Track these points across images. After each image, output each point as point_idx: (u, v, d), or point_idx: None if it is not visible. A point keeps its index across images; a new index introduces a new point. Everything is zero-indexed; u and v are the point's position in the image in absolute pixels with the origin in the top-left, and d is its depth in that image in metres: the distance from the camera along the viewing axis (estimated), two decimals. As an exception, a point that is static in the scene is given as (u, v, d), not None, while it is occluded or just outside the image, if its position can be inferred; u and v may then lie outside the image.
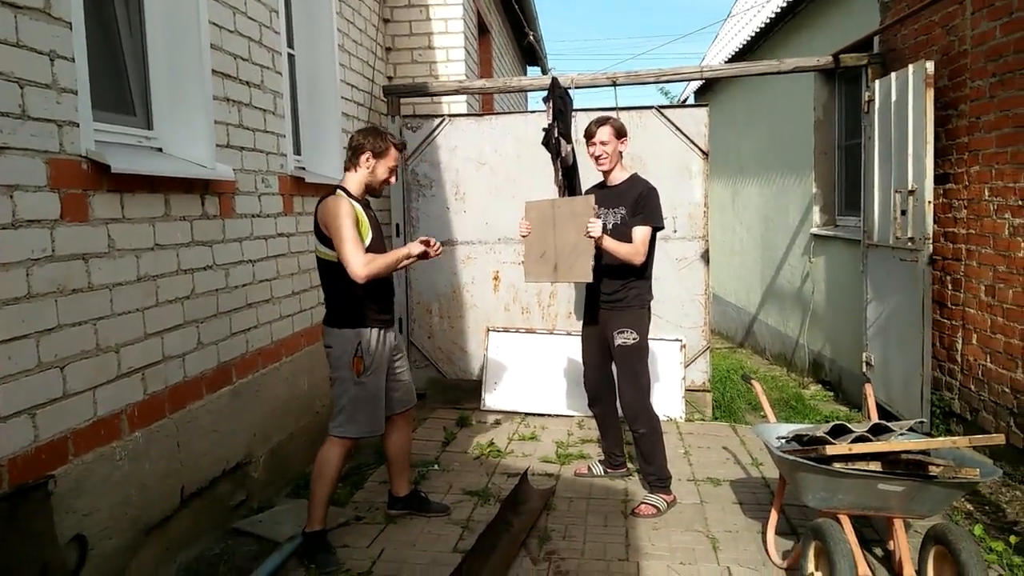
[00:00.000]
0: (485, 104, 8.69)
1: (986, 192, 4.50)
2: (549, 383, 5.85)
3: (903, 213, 5.00)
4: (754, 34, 8.85)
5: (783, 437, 3.37)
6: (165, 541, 3.24)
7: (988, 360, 4.50)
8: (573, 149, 5.09)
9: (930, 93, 4.71)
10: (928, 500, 2.87)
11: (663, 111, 5.86)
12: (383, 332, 3.52)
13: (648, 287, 4.06)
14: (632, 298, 3.99)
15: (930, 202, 4.78)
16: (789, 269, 8.23)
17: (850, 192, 6.90)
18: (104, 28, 3.30)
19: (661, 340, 5.66)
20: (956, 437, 3.33)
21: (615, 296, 4.03)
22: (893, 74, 5.15)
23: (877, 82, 5.43)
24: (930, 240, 4.84)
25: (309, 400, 4.69)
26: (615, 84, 5.91)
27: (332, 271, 3.38)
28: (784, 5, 7.71)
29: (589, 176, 4.60)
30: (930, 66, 4.71)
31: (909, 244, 4.96)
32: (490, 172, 6.11)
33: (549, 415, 5.75)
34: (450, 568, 3.20)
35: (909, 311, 5.02)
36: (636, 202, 3.92)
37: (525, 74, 13.33)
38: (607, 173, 4.10)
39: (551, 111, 5.31)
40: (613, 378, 4.17)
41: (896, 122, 5.09)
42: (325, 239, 3.35)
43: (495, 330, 6.10)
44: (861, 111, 5.78)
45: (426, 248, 3.43)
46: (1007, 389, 4.29)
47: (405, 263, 3.46)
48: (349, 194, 3.44)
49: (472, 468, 4.66)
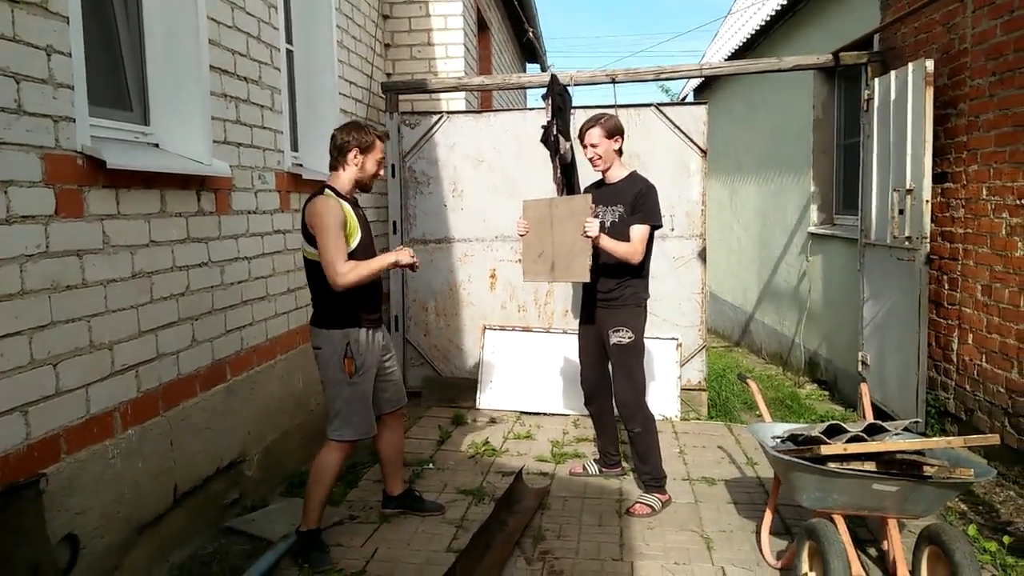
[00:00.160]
0: (484, 101, 8.67)
1: (984, 191, 4.50)
2: (545, 382, 5.84)
3: (901, 212, 5.00)
4: (754, 32, 8.84)
5: (778, 437, 3.37)
6: (158, 540, 3.23)
7: (984, 360, 4.50)
8: (572, 146, 5.08)
9: (929, 92, 4.71)
10: (922, 500, 2.87)
11: (662, 109, 5.85)
12: (372, 332, 3.48)
13: (645, 285, 4.05)
14: (628, 296, 3.98)
15: (928, 201, 4.78)
16: (786, 268, 8.23)
17: (848, 191, 6.90)
18: (101, 23, 3.29)
19: (657, 339, 5.65)
20: (951, 437, 3.32)
21: (611, 294, 4.02)
22: (893, 72, 5.14)
23: (877, 80, 5.42)
24: (927, 239, 4.83)
25: (304, 398, 4.69)
26: (614, 81, 5.90)
27: (319, 271, 3.33)
28: (784, 3, 7.69)
29: (588, 174, 4.59)
30: (930, 64, 4.71)
31: (906, 243, 4.96)
32: (488, 169, 6.09)
33: (545, 414, 5.74)
34: (444, 567, 3.20)
35: (905, 310, 5.02)
36: (634, 200, 3.91)
37: (524, 71, 13.31)
38: (604, 172, 4.09)
39: (550, 108, 5.30)
40: (609, 377, 4.16)
41: (895, 121, 5.09)
42: (312, 239, 3.30)
43: (491, 328, 6.10)
44: (860, 109, 5.77)
45: (413, 260, 3.42)
46: (1002, 389, 4.29)
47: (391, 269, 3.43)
48: (338, 193, 3.38)
49: (467, 467, 4.65)
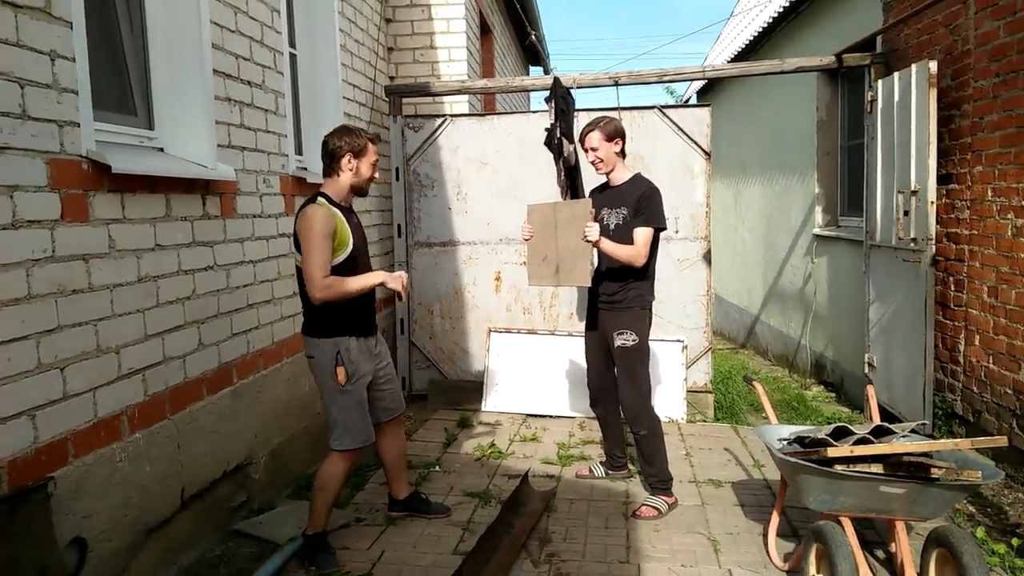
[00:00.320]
0: (487, 104, 8.68)
1: (989, 192, 4.49)
2: (550, 384, 5.84)
3: (906, 214, 4.99)
4: (756, 34, 8.84)
5: (785, 439, 3.37)
6: (165, 543, 3.23)
7: (991, 361, 4.48)
8: (575, 149, 5.08)
9: (933, 93, 4.70)
10: (930, 502, 2.86)
11: (665, 111, 5.85)
12: (364, 340, 3.43)
13: (649, 288, 4.04)
14: (632, 299, 3.98)
15: (933, 203, 4.77)
16: (791, 270, 8.21)
17: (853, 192, 6.89)
18: (105, 28, 3.30)
19: (663, 341, 5.65)
20: (958, 439, 3.32)
21: (615, 297, 4.02)
22: (896, 74, 5.13)
23: (880, 82, 5.42)
24: (933, 241, 4.82)
25: (310, 401, 4.68)
26: (617, 84, 5.90)
27: None
28: (787, 5, 7.69)
29: (592, 176, 4.59)
30: (933, 66, 4.70)
31: (912, 245, 4.95)
32: (492, 172, 6.10)
33: (550, 416, 5.74)
34: (450, 570, 3.20)
35: (911, 312, 5.01)
36: (637, 203, 3.90)
37: (527, 74, 13.32)
38: (608, 174, 4.09)
39: (553, 111, 5.30)
40: (615, 379, 4.16)
41: (899, 122, 5.08)
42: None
43: (497, 331, 6.10)
44: (864, 111, 5.76)
45: (399, 286, 3.33)
46: (1009, 391, 4.28)
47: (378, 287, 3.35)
48: (331, 201, 3.33)
49: (473, 469, 4.65)
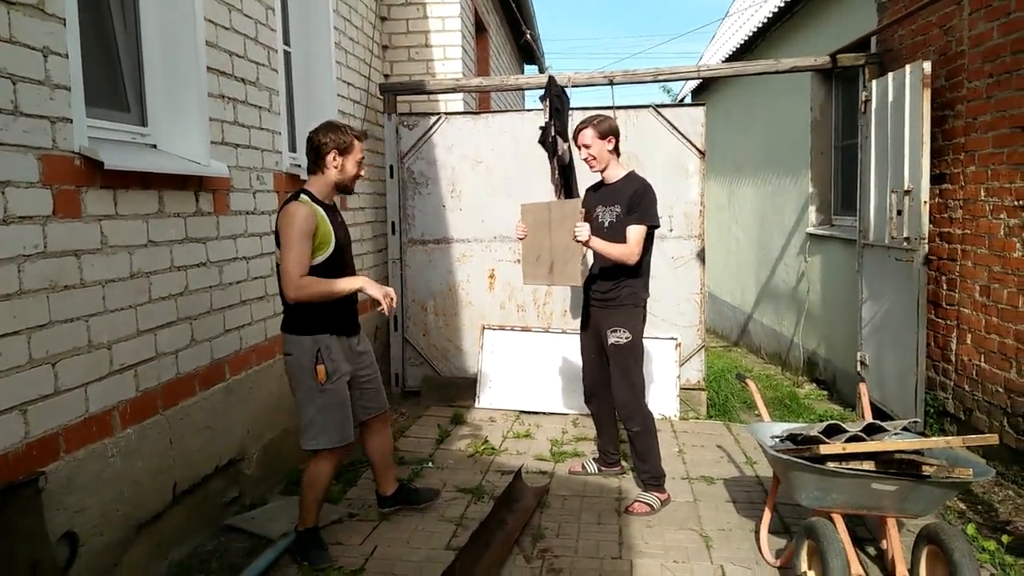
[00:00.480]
0: (482, 102, 8.68)
1: (982, 192, 4.51)
2: (544, 381, 5.85)
3: (899, 213, 5.01)
4: (752, 33, 8.85)
5: (777, 436, 3.38)
6: (157, 538, 3.23)
7: (982, 360, 4.50)
8: (570, 148, 5.09)
9: (927, 93, 4.72)
10: (921, 500, 2.87)
11: (660, 110, 5.86)
12: (346, 339, 3.40)
13: (643, 285, 4.05)
14: (625, 297, 3.99)
15: (926, 202, 4.79)
16: (785, 268, 8.24)
17: (846, 192, 6.91)
18: (98, 24, 3.29)
19: (656, 339, 5.66)
20: (950, 437, 3.34)
21: (608, 295, 4.02)
22: (890, 74, 5.15)
23: (874, 82, 5.43)
24: (926, 240, 4.84)
25: (303, 397, 4.68)
26: (612, 83, 5.91)
27: None
28: (782, 5, 7.71)
29: (586, 175, 4.59)
30: (927, 66, 4.72)
31: (905, 244, 4.97)
32: (486, 170, 6.10)
33: (544, 413, 5.75)
34: (443, 565, 3.20)
35: (904, 311, 5.03)
36: (631, 200, 3.91)
37: (522, 72, 13.32)
38: (602, 172, 4.09)
39: (548, 110, 5.31)
40: (609, 376, 4.16)
41: (893, 122, 5.10)
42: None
43: (490, 328, 6.10)
44: (858, 111, 5.78)
45: (382, 299, 3.23)
46: (1001, 389, 4.30)
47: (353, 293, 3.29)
48: (315, 199, 3.28)
49: (466, 466, 4.66)
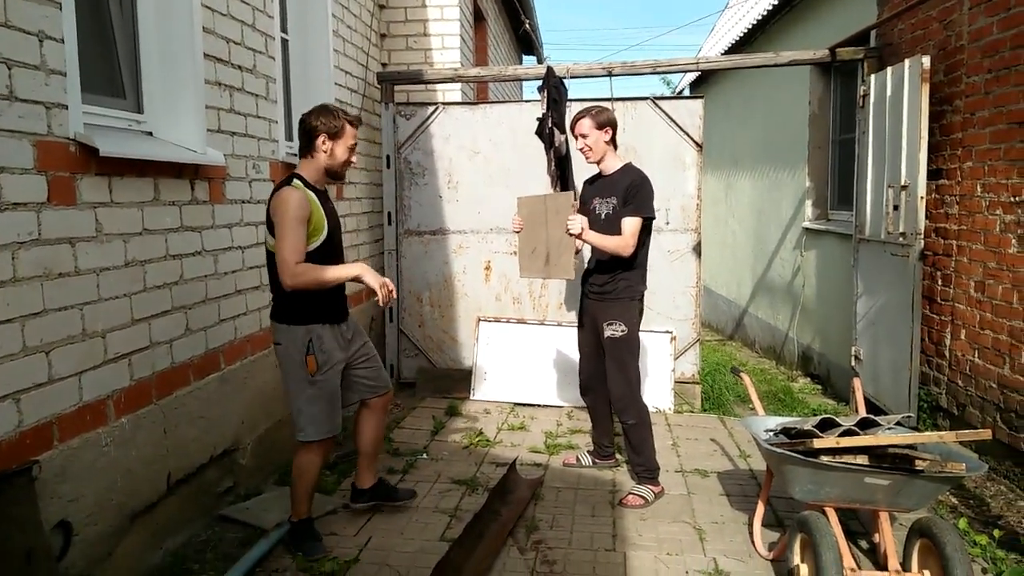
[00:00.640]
0: (480, 93, 8.65)
1: (978, 188, 4.51)
2: (539, 373, 5.85)
3: (895, 208, 5.01)
4: (751, 26, 8.83)
5: (771, 430, 3.39)
6: (151, 527, 3.23)
7: (976, 356, 4.52)
8: (567, 139, 5.07)
9: (925, 88, 4.71)
10: (914, 494, 2.89)
11: (658, 102, 5.85)
12: (336, 327, 3.34)
13: (640, 278, 4.04)
14: (621, 290, 3.98)
15: (923, 197, 4.79)
16: (780, 263, 8.24)
17: (843, 187, 6.91)
18: (95, 9, 3.26)
19: (651, 332, 5.66)
20: (943, 432, 3.35)
21: (604, 288, 4.02)
22: (889, 68, 5.14)
23: (873, 76, 5.43)
24: (921, 235, 4.84)
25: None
26: (611, 74, 5.89)
27: None
28: (781, -3, 7.69)
29: (583, 167, 4.58)
30: (926, 61, 4.71)
31: (900, 239, 4.97)
32: (484, 161, 6.08)
33: (539, 405, 5.75)
34: (437, 556, 3.21)
35: (899, 306, 5.04)
36: (626, 192, 3.90)
37: (520, 63, 13.27)
38: (598, 163, 4.08)
39: (546, 100, 5.29)
40: (606, 370, 4.16)
41: (891, 117, 5.09)
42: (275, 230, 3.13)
43: (486, 320, 6.10)
44: (856, 105, 5.77)
45: (378, 289, 3.15)
46: (994, 384, 4.32)
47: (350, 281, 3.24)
48: (307, 183, 3.22)
49: (461, 457, 4.66)
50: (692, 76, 12.05)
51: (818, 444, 2.91)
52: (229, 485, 3.88)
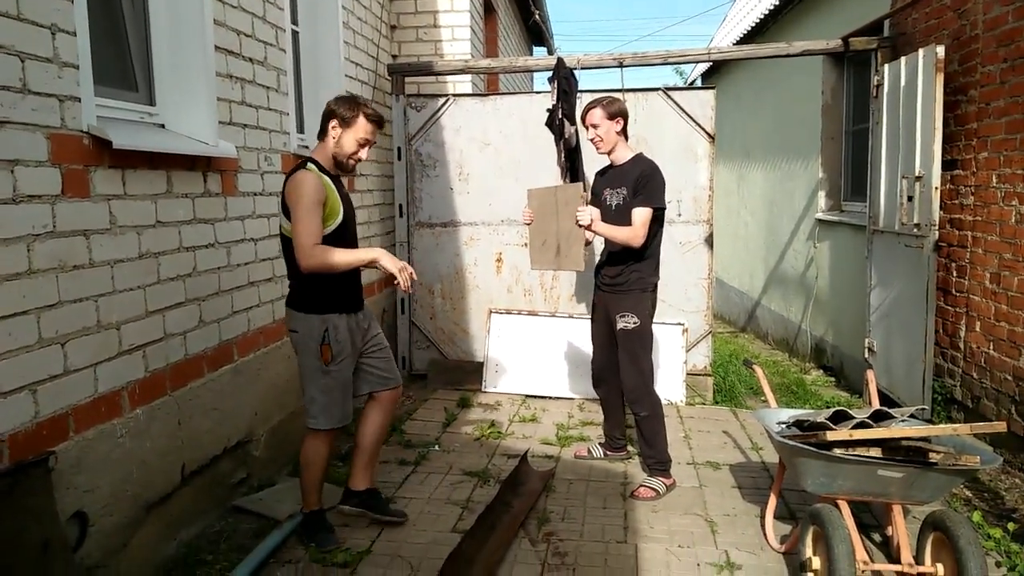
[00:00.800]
0: (490, 84, 8.62)
1: (994, 179, 4.47)
2: (551, 365, 5.85)
3: (910, 199, 4.97)
4: (763, 16, 8.75)
5: (783, 422, 3.37)
6: (166, 518, 3.25)
7: (991, 348, 4.48)
8: (576, 130, 5.05)
9: (940, 78, 4.66)
10: (928, 487, 2.87)
11: (669, 93, 5.81)
12: (352, 316, 3.32)
13: (652, 269, 4.03)
14: (633, 282, 3.97)
15: (937, 188, 4.75)
16: (793, 254, 8.20)
17: (857, 178, 6.86)
18: (106, 2, 3.27)
19: (663, 324, 5.65)
20: (957, 424, 3.33)
21: (616, 280, 4.01)
22: (903, 58, 5.09)
23: (887, 66, 5.37)
24: (936, 227, 4.80)
25: (311, 379, 4.69)
26: (622, 65, 5.86)
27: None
28: (794, -13, 7.62)
29: (593, 158, 4.56)
30: (940, 50, 4.66)
31: (915, 230, 4.93)
32: (494, 153, 6.07)
33: (550, 397, 5.76)
34: (449, 548, 3.22)
35: (913, 297, 5.00)
36: (636, 182, 3.88)
37: (531, 54, 13.22)
38: (609, 154, 4.06)
39: (556, 92, 5.27)
40: (618, 362, 4.16)
41: (905, 107, 5.04)
42: (290, 214, 3.10)
43: (497, 312, 6.10)
44: (870, 96, 5.72)
45: (398, 273, 3.09)
46: (1009, 377, 4.28)
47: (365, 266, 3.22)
48: (320, 167, 3.21)
49: (472, 449, 4.67)
50: (704, 67, 11.97)
51: (831, 436, 2.89)
52: (243, 476, 3.90)
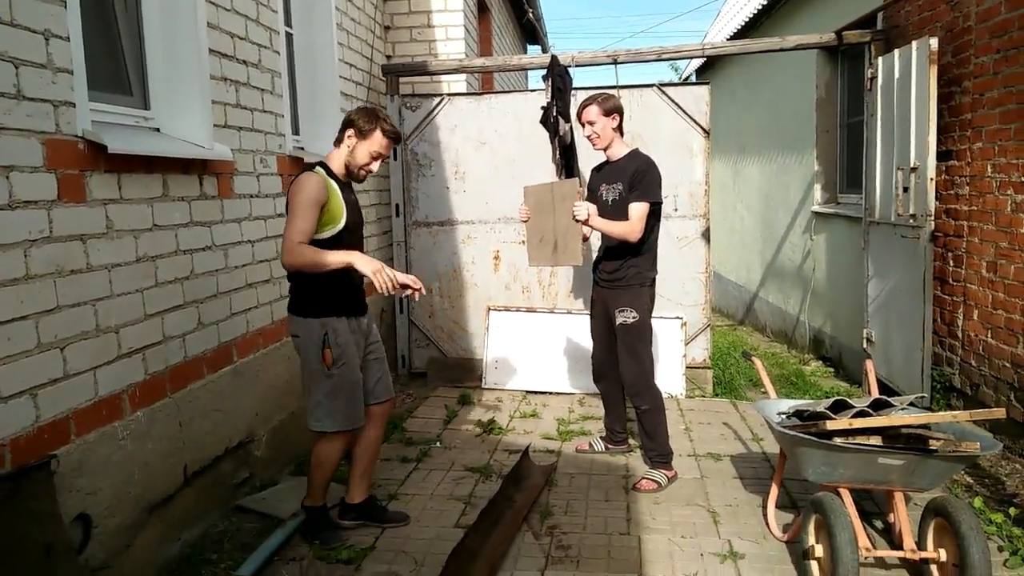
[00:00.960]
0: (485, 83, 8.63)
1: (989, 169, 4.48)
2: (550, 361, 5.86)
3: (905, 190, 4.98)
4: (756, 11, 8.77)
5: (783, 412, 3.38)
6: (169, 519, 3.26)
7: (989, 335, 4.50)
8: (571, 128, 5.07)
9: (933, 70, 4.67)
10: (928, 473, 2.88)
11: (664, 89, 5.82)
12: (355, 320, 3.32)
13: (650, 264, 4.04)
14: (631, 277, 3.98)
15: (932, 179, 4.76)
16: (790, 247, 8.21)
17: (852, 170, 6.87)
18: (99, 7, 3.27)
19: (662, 318, 5.65)
20: (957, 411, 3.34)
21: (615, 275, 4.03)
22: (896, 51, 5.10)
23: (880, 59, 5.39)
24: (932, 217, 4.82)
25: (311, 380, 4.70)
26: (616, 62, 5.86)
27: None
28: (786, -20, 7.63)
29: (588, 155, 4.57)
30: (934, 42, 4.67)
31: (911, 221, 4.94)
32: (490, 151, 6.08)
33: (550, 393, 5.77)
34: (453, 543, 3.23)
35: (910, 288, 5.02)
36: (632, 177, 3.90)
37: (525, 52, 13.22)
38: (606, 150, 4.07)
39: (550, 89, 5.28)
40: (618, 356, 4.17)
41: (899, 99, 5.05)
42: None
43: (496, 309, 6.11)
44: (864, 88, 5.73)
45: (373, 276, 3.03)
46: (1007, 364, 4.30)
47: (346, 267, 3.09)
48: (330, 172, 3.24)
49: (474, 445, 4.68)
50: (698, 62, 11.99)
51: (831, 426, 2.90)
52: (245, 476, 3.91)
